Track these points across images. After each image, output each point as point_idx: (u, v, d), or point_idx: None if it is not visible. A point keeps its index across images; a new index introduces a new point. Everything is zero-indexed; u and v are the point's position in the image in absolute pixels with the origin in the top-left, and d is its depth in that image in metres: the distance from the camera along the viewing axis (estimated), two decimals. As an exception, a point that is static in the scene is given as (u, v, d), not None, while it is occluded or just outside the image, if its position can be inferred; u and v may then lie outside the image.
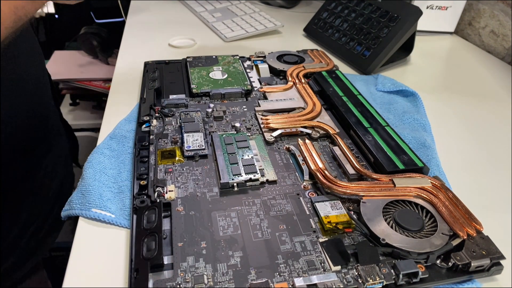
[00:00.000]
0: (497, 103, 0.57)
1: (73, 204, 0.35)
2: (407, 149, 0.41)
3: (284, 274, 0.29)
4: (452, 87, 0.61)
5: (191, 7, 0.85)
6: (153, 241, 0.30)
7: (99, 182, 0.36)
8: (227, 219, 0.34)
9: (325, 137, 0.44)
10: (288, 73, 0.55)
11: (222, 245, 0.31)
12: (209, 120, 0.46)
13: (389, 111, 0.52)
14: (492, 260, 0.30)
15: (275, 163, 0.40)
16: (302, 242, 0.32)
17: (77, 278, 0.30)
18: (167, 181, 0.37)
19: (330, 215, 0.34)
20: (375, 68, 0.62)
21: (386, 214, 0.34)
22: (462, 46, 0.77)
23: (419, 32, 0.73)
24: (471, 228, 0.32)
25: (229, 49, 0.68)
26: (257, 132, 0.45)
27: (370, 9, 0.67)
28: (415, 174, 0.37)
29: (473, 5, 0.79)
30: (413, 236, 0.32)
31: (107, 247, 0.32)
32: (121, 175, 0.38)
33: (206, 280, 0.28)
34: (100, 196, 0.35)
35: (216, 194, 0.36)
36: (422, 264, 0.30)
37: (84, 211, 0.34)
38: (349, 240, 0.32)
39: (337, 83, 0.52)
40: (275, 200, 0.36)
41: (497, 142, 0.48)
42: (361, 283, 0.29)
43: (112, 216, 0.34)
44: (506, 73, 0.66)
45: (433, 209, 0.34)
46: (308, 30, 0.76)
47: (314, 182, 0.38)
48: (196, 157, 0.40)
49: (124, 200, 0.36)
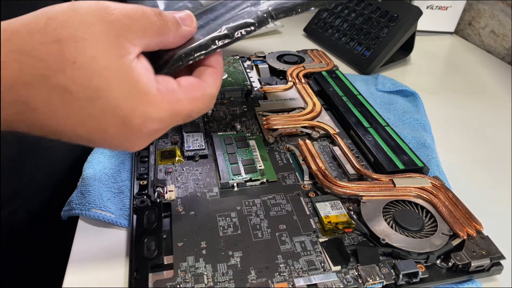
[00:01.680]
0: (497, 103, 0.57)
1: (73, 204, 0.35)
2: (407, 149, 0.41)
3: (284, 274, 0.29)
4: (452, 87, 0.61)
5: (191, 7, 0.85)
6: (153, 241, 0.30)
7: (99, 182, 0.36)
8: (227, 219, 0.34)
9: (325, 137, 0.44)
10: (288, 73, 0.55)
11: (222, 245, 0.31)
12: (209, 120, 0.46)
13: (389, 111, 0.52)
14: (492, 260, 0.30)
15: (275, 163, 0.40)
16: (302, 242, 0.32)
17: (77, 278, 0.30)
18: (167, 181, 0.37)
19: (330, 215, 0.34)
20: (375, 68, 0.62)
21: (386, 214, 0.34)
22: (462, 46, 0.77)
23: (419, 32, 0.73)
24: (471, 228, 0.32)
25: (229, 49, 0.68)
26: (257, 132, 0.45)
27: (370, 9, 0.67)
28: (415, 174, 0.37)
29: (473, 5, 0.79)
30: (413, 236, 0.32)
31: (107, 247, 0.32)
32: (121, 175, 0.38)
33: (206, 280, 0.28)
34: (100, 196, 0.35)
35: (216, 194, 0.36)
36: (422, 264, 0.30)
37: (84, 211, 0.34)
38: (349, 240, 0.32)
39: (337, 83, 0.52)
40: (275, 200, 0.36)
41: (497, 142, 0.48)
42: (361, 283, 0.29)
43: (112, 216, 0.34)
44: (506, 73, 0.66)
45: (433, 209, 0.34)
46: (308, 30, 0.76)
47: (314, 182, 0.38)
48: (196, 157, 0.40)
49: (124, 200, 0.36)
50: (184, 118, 0.26)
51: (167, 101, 0.24)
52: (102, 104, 0.22)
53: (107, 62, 0.22)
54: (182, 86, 0.26)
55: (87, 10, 0.22)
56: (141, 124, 0.24)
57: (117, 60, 0.22)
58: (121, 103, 0.23)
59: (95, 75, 0.22)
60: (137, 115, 0.23)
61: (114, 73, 0.22)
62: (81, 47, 0.22)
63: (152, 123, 0.24)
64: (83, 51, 0.22)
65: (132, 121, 0.23)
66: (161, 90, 0.24)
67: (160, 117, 0.24)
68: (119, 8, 0.23)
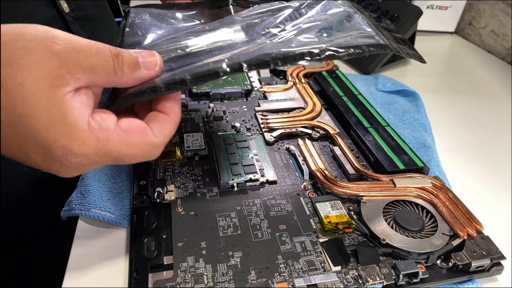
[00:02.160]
0: (497, 103, 0.57)
1: (73, 204, 0.35)
2: (407, 149, 0.41)
3: (284, 274, 0.29)
4: (452, 87, 0.61)
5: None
6: (153, 241, 0.30)
7: (99, 182, 0.36)
8: (227, 219, 0.34)
9: (325, 137, 0.44)
10: (288, 73, 0.55)
11: (222, 245, 0.31)
12: (209, 120, 0.46)
13: (389, 111, 0.52)
14: (492, 260, 0.30)
15: (275, 163, 0.40)
16: (302, 242, 0.32)
17: (77, 278, 0.30)
18: (167, 181, 0.37)
19: (330, 215, 0.34)
20: (375, 68, 0.62)
21: (386, 214, 0.34)
22: (462, 46, 0.77)
23: (419, 32, 0.73)
24: (472, 228, 0.32)
25: (229, 49, 0.68)
26: (257, 132, 0.45)
27: (370, 9, 0.67)
28: (415, 174, 0.37)
29: (473, 5, 0.79)
30: (413, 236, 0.32)
31: (107, 247, 0.32)
32: (120, 175, 0.38)
33: (206, 280, 0.28)
34: (99, 196, 0.35)
35: (216, 194, 0.36)
36: (422, 264, 0.30)
37: (84, 211, 0.34)
38: (349, 240, 0.32)
39: (337, 83, 0.52)
40: (275, 200, 0.36)
41: (497, 142, 0.48)
42: (361, 283, 0.29)
43: (112, 216, 0.34)
44: (506, 73, 0.66)
45: (433, 209, 0.34)
46: (308, 30, 0.76)
47: (314, 182, 0.38)
48: (196, 157, 0.40)
49: (124, 200, 0.36)
50: (115, 160, 0.25)
51: (96, 139, 0.24)
52: (24, 130, 0.22)
53: (37, 90, 0.22)
54: (120, 127, 0.25)
55: (34, 36, 0.22)
56: (61, 157, 0.23)
57: (49, 90, 0.22)
58: (43, 132, 0.22)
59: (19, 101, 0.21)
60: (57, 147, 0.23)
61: (42, 102, 0.22)
62: (12, 71, 0.21)
63: (74, 157, 0.23)
64: (13, 76, 0.21)
65: (52, 152, 0.23)
66: (92, 127, 0.24)
67: (84, 153, 0.23)
68: (70, 40, 0.23)
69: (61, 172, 0.25)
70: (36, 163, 0.24)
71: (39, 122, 0.22)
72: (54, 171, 0.25)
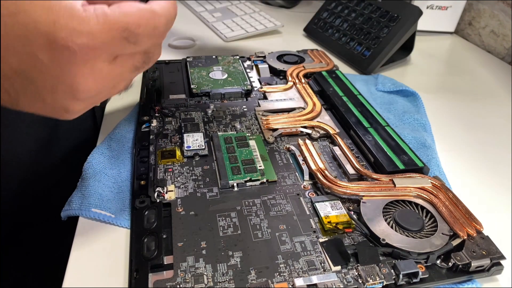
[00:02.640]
0: (497, 103, 0.57)
1: (73, 204, 0.35)
2: (407, 149, 0.41)
3: (284, 274, 0.29)
4: (452, 87, 0.61)
5: (190, 7, 0.85)
6: (153, 241, 0.30)
7: (99, 182, 0.36)
8: (227, 219, 0.34)
9: (325, 137, 0.44)
10: (288, 73, 0.55)
11: (222, 245, 0.31)
12: (209, 120, 0.46)
13: (389, 111, 0.52)
14: (492, 260, 0.30)
15: (275, 163, 0.40)
16: (302, 242, 0.32)
17: (77, 278, 0.30)
18: (167, 181, 0.37)
19: (330, 215, 0.34)
20: (375, 68, 0.62)
21: (386, 214, 0.34)
22: (462, 46, 0.77)
23: (419, 32, 0.73)
24: (471, 228, 0.32)
25: (229, 49, 0.68)
26: (257, 132, 0.45)
27: (370, 9, 0.67)
28: (415, 174, 0.37)
29: (473, 5, 0.79)
30: (413, 236, 0.32)
31: (107, 247, 0.32)
32: (121, 175, 0.38)
33: (206, 280, 0.28)
34: (100, 196, 0.35)
35: (216, 194, 0.36)
36: (422, 264, 0.30)
37: (84, 211, 0.34)
38: (349, 240, 0.32)
39: (337, 83, 0.52)
40: (275, 200, 0.36)
41: (497, 142, 0.48)
42: (361, 283, 0.29)
43: (112, 216, 0.34)
44: (506, 73, 0.66)
45: (433, 209, 0.34)
46: (308, 30, 0.76)
47: (314, 182, 0.38)
48: (196, 157, 0.40)
49: (124, 200, 0.36)
50: (122, 33, 0.24)
51: (94, 16, 0.23)
52: (24, 18, 0.22)
53: None
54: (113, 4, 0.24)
55: None
56: (66, 38, 0.22)
57: None
58: (41, 16, 0.22)
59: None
60: (59, 28, 0.22)
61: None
62: None
63: (79, 36, 0.23)
64: None
65: (56, 36, 0.22)
66: (87, 9, 0.23)
67: (87, 30, 0.23)
68: None
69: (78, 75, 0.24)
70: (44, 64, 0.23)
71: (37, 6, 0.22)
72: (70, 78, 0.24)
